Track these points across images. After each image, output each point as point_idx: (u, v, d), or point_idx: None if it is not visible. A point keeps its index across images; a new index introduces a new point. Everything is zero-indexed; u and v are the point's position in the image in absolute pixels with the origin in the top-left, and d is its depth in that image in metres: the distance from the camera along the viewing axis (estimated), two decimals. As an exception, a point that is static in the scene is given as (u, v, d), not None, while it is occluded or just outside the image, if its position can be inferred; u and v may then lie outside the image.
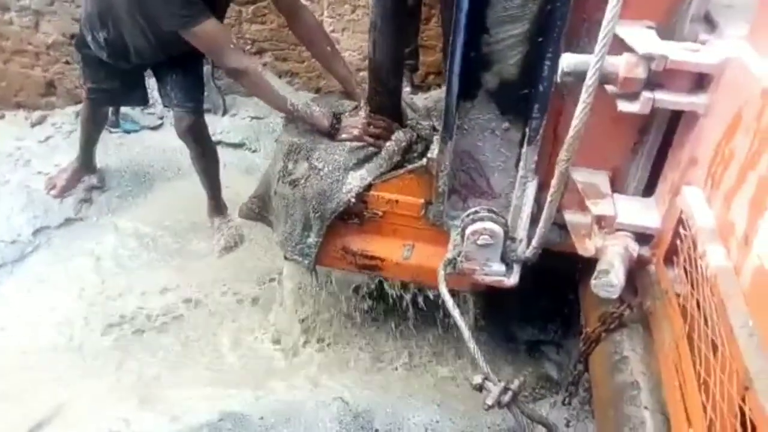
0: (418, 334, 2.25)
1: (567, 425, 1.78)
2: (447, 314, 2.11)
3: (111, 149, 3.25)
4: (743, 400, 0.86)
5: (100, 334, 2.27)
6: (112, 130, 3.40)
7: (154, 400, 1.97)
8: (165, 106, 2.73)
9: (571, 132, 1.19)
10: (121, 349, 2.22)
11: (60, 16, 3.61)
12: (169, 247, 2.71)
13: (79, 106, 3.37)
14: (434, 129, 1.92)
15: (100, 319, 2.33)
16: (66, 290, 2.46)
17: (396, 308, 2.19)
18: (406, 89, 2.73)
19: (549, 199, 1.34)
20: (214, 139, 3.45)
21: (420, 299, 2.14)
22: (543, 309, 2.23)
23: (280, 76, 3.63)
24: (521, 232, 1.64)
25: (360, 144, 1.88)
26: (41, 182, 2.94)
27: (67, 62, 3.74)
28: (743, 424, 0.86)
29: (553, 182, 1.30)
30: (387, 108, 1.94)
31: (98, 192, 2.94)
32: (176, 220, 2.87)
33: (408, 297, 2.13)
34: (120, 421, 1.86)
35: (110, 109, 3.26)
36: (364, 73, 3.39)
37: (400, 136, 1.90)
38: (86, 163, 2.98)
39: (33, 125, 3.65)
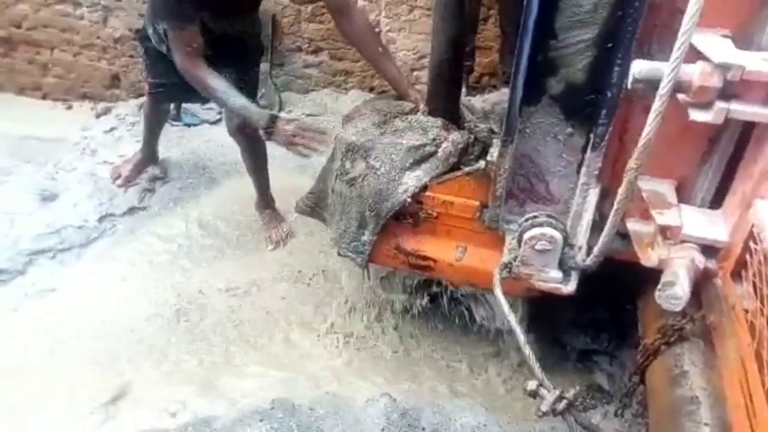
0: (468, 337, 2.24)
1: (619, 437, 1.75)
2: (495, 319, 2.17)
3: (172, 142, 3.37)
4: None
5: (161, 318, 2.36)
6: (174, 123, 3.53)
7: (209, 385, 2.05)
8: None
9: (642, 140, 1.17)
10: (180, 334, 2.30)
11: (127, 11, 3.77)
12: (227, 238, 2.79)
13: (142, 99, 3.52)
14: (492, 132, 1.92)
15: (162, 303, 2.42)
16: (129, 275, 2.57)
17: (448, 311, 2.20)
18: (462, 91, 2.72)
19: (615, 207, 1.33)
20: (269, 134, 3.58)
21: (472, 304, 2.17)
22: (596, 318, 2.19)
23: (335, 75, 3.70)
24: (581, 240, 1.62)
25: (417, 144, 1.89)
26: (106, 171, 3.08)
27: (131, 56, 3.90)
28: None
29: (621, 191, 1.28)
30: (445, 110, 1.96)
31: (160, 182, 3.05)
32: (233, 212, 2.95)
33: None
34: (178, 404, 1.94)
35: (172, 104, 3.38)
36: (419, 73, 3.45)
37: (457, 138, 1.90)
38: (149, 154, 3.09)
39: (98, 116, 3.83)
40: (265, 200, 2.86)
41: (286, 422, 1.92)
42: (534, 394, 1.39)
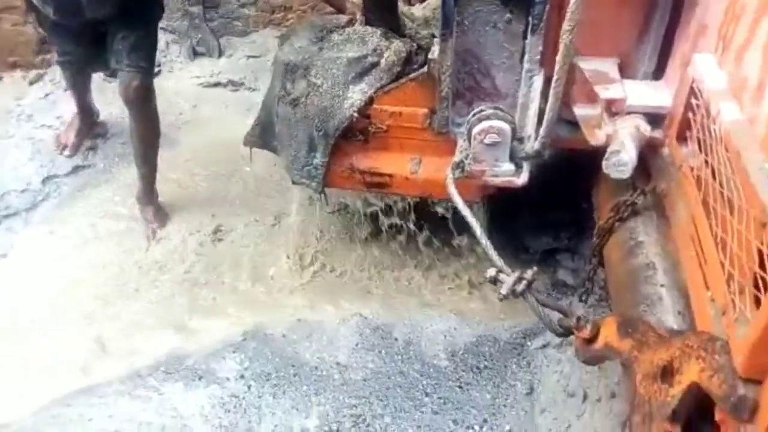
0: (431, 253, 2.25)
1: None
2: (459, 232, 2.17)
3: (110, 98, 3.20)
4: (762, 242, 0.85)
5: (121, 272, 2.30)
6: (110, 80, 3.35)
7: (181, 327, 2.03)
8: (113, 68, 2.39)
9: None
10: (143, 285, 2.25)
11: (45, -33, 3.51)
12: (176, 189, 2.70)
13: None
14: (434, 37, 1.87)
15: (119, 258, 2.36)
16: (82, 234, 2.48)
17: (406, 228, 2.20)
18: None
19: (555, 77, 1.31)
20: (212, 80, 3.44)
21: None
22: (556, 219, 2.22)
23: (273, 12, 3.55)
24: (529, 129, 1.61)
25: (358, 55, 1.83)
26: (46, 134, 2.94)
27: (57, 15, 3.66)
28: (762, 266, 0.85)
29: (558, 57, 1.26)
30: (383, 19, 1.89)
31: (102, 140, 2.93)
32: (181, 164, 2.86)
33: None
34: (149, 348, 1.92)
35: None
36: (358, -1, 3.34)
37: (399, 47, 1.84)
38: (86, 114, 2.95)
39: (31, 83, 3.61)
40: (149, 193, 2.52)
41: (260, 350, 1.92)
42: (494, 281, 1.39)
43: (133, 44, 2.25)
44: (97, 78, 2.95)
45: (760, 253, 0.86)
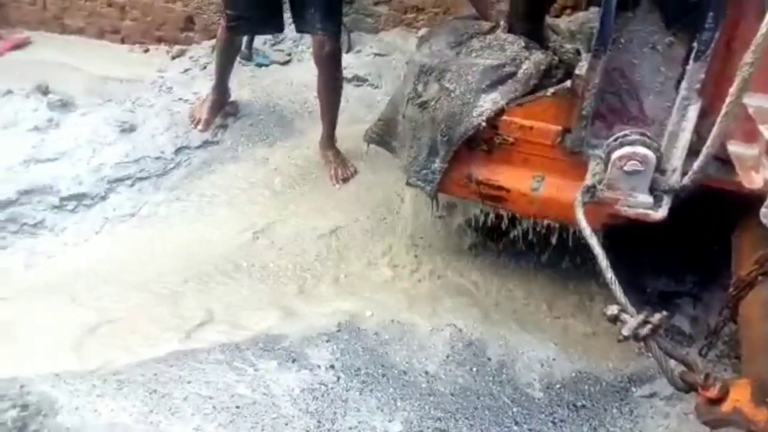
0: (543, 277, 2.16)
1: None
2: (572, 254, 2.07)
3: (244, 82, 3.40)
4: None
5: (236, 247, 2.41)
6: (245, 63, 3.55)
7: (282, 308, 2.09)
8: (303, 32, 2.72)
9: (763, 29, 1.04)
10: (256, 263, 2.34)
11: (202, -47, 3.78)
12: (297, 174, 2.80)
13: (214, 41, 3.55)
14: (578, 53, 1.79)
15: (236, 234, 2.47)
16: (205, 205, 2.64)
17: (518, 244, 2.12)
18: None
19: (724, 110, 1.20)
20: (338, 74, 3.55)
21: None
22: (680, 260, 2.06)
23: (405, 12, 3.59)
24: (675, 162, 1.50)
25: (495, 64, 1.79)
26: (182, 107, 3.15)
27: (205, -3, 3.93)
28: None
29: (732, 89, 1.15)
30: (527, 28, 1.84)
31: (233, 119, 3.09)
32: (302, 150, 2.96)
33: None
34: (252, 323, 1.99)
35: (244, 43, 3.39)
36: (503, 5, 3.28)
37: (539, 58, 1.78)
38: (221, 93, 3.13)
39: (173, 58, 3.91)
40: (331, 139, 2.85)
41: (351, 344, 1.94)
42: (615, 319, 1.31)
43: (325, 11, 2.48)
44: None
45: None
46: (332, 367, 1.88)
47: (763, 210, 1.23)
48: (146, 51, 4.21)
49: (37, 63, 3.58)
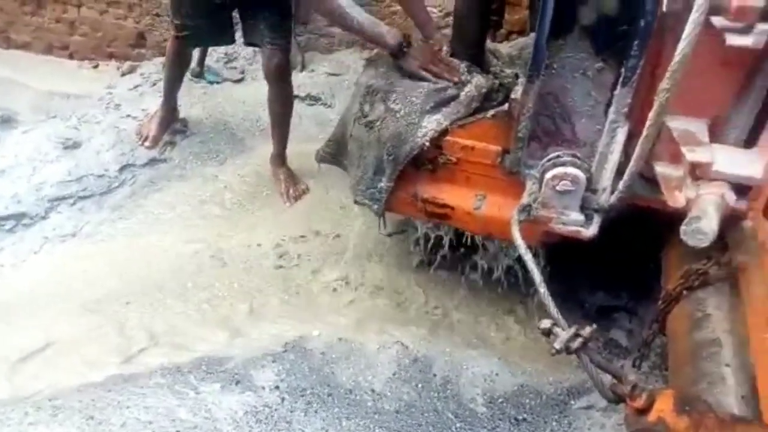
0: (486, 292, 2.21)
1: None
2: (510, 272, 2.12)
3: (195, 98, 3.37)
4: None
5: (179, 267, 2.37)
6: (196, 80, 3.52)
7: (227, 328, 2.07)
8: (252, 44, 2.70)
9: (677, 55, 1.11)
10: (198, 282, 2.30)
11: (152, -32, 3.76)
12: (246, 193, 2.79)
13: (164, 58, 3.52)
14: (517, 77, 1.86)
15: (180, 253, 2.43)
16: (149, 224, 2.59)
17: (460, 262, 2.17)
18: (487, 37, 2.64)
19: (645, 133, 1.27)
20: (291, 93, 3.56)
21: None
22: (616, 276, 2.13)
23: (355, 42, 3.64)
24: (605, 182, 1.57)
25: (439, 86, 1.84)
26: (130, 124, 3.09)
27: (156, 14, 3.89)
28: None
29: (651, 114, 1.22)
30: (469, 53, 1.90)
31: (181, 136, 3.05)
32: (252, 168, 2.95)
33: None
34: (196, 343, 1.96)
35: (195, 60, 3.37)
36: (447, 31, 3.37)
37: (480, 82, 1.84)
38: (170, 109, 3.08)
39: (123, 74, 3.85)
40: (282, 156, 2.84)
41: (297, 364, 1.93)
42: (548, 333, 1.35)
43: (274, 24, 2.48)
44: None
45: None
46: (277, 388, 1.86)
47: (682, 228, 1.30)
48: (96, 67, 4.13)
49: (-20, 78, 3.47)
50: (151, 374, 1.87)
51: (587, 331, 1.31)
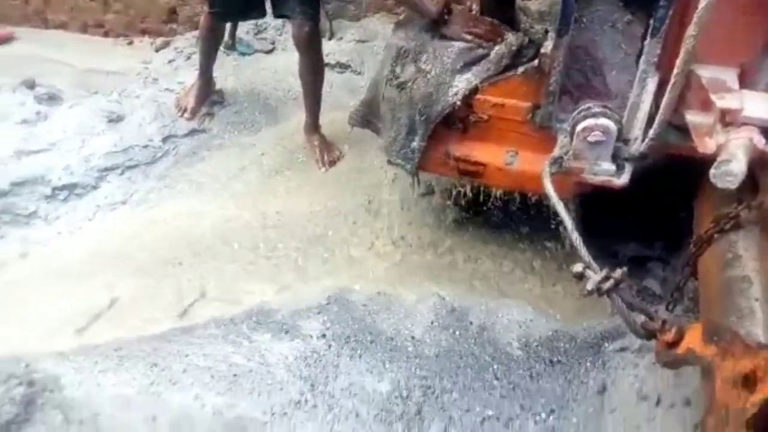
0: (519, 246, 2.28)
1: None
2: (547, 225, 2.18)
3: (228, 71, 3.47)
4: None
5: (226, 230, 2.49)
6: (228, 53, 3.61)
7: (274, 282, 2.19)
8: (281, 16, 2.81)
9: (702, 2, 1.15)
10: (243, 244, 2.43)
11: (184, -56, 3.82)
12: (283, 159, 2.89)
13: (197, 32, 3.61)
14: (547, 33, 1.89)
15: (226, 218, 2.55)
16: (194, 191, 2.72)
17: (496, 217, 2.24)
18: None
19: (672, 81, 1.31)
20: (321, 61, 3.63)
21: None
22: (648, 227, 2.18)
23: (383, 7, 3.67)
24: (636, 131, 1.61)
25: (468, 46, 1.89)
26: (168, 97, 3.21)
27: (188, -11, 3.98)
28: None
29: (678, 62, 1.26)
30: (498, 10, 1.94)
31: (218, 107, 3.16)
32: (287, 136, 3.05)
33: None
34: (258, 297, 2.10)
35: (227, 33, 3.46)
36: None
37: (511, 40, 1.88)
38: (206, 82, 3.19)
39: (157, 50, 3.96)
40: (316, 124, 2.93)
41: (341, 315, 2.04)
42: (580, 276, 1.42)
43: None
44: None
45: None
46: (323, 336, 1.98)
47: (712, 171, 1.35)
48: (130, 43, 4.25)
49: (22, 58, 3.61)
50: (206, 326, 2.00)
51: (618, 273, 1.38)
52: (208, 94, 3.17)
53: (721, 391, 1.06)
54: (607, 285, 1.38)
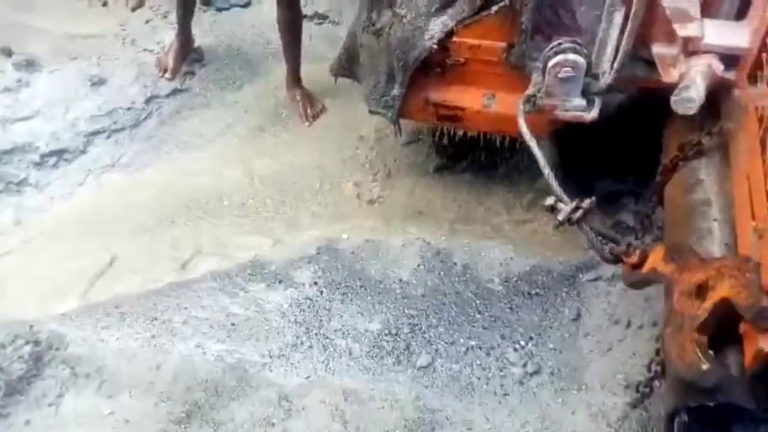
0: (495, 185, 2.35)
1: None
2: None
3: (206, 26, 3.43)
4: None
5: (218, 184, 2.55)
6: (205, 9, 3.57)
7: (266, 236, 2.27)
8: None
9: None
10: (235, 198, 2.49)
11: None
12: (266, 115, 2.91)
13: (173, -10, 3.55)
14: (519, -28, 1.90)
15: (216, 173, 2.61)
16: (182, 150, 2.76)
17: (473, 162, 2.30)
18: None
19: (633, 10, 1.35)
20: (299, 14, 3.59)
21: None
22: (623, 162, 2.25)
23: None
24: (605, 66, 1.66)
25: (443, -13, 1.90)
26: (148, 58, 3.19)
27: (160, -54, 3.87)
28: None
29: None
30: (470, -48, 1.93)
31: (199, 65, 3.15)
32: (269, 91, 3.05)
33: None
34: (240, 251, 2.18)
35: (203, -11, 3.41)
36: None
37: (483, -20, 1.89)
38: (185, 40, 3.16)
39: (133, 9, 3.88)
40: (297, 78, 2.93)
41: (331, 263, 2.13)
42: (552, 209, 1.50)
43: None
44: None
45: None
46: (315, 283, 2.08)
47: (672, 98, 1.40)
48: (105, 4, 4.16)
49: (-6, 25, 3.56)
50: (203, 279, 2.09)
51: (586, 202, 1.46)
52: (187, 53, 3.15)
53: (678, 302, 1.15)
54: (577, 215, 1.46)
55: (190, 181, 2.57)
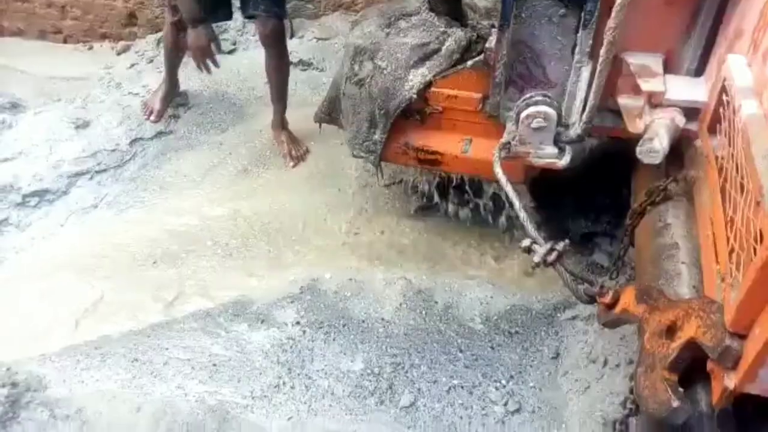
0: (474, 226, 2.43)
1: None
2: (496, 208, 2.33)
3: (192, 71, 3.48)
4: (758, 218, 0.99)
5: (200, 225, 2.58)
6: (190, 54, 3.65)
7: (249, 276, 2.29)
8: (249, 16, 2.86)
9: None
10: (219, 239, 2.52)
11: (139, -52, 3.83)
12: (250, 157, 2.96)
13: (159, 34, 3.63)
14: (493, 27, 2.02)
15: (198, 214, 2.64)
16: (165, 191, 2.78)
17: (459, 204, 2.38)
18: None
19: (599, 68, 1.45)
20: (283, 59, 3.70)
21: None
22: (596, 204, 2.34)
23: (341, 5, 3.76)
24: (575, 117, 1.76)
25: (421, 42, 2.01)
26: (132, 101, 3.25)
27: (146, -8, 3.99)
28: (756, 239, 0.99)
29: (602, 51, 1.40)
30: (447, 8, 2.06)
31: (183, 108, 3.21)
32: (253, 134, 3.12)
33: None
34: (222, 292, 2.19)
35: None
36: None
37: (459, 35, 2.01)
38: (172, 85, 3.24)
39: (119, 53, 3.97)
40: (282, 120, 3.01)
41: (314, 303, 2.16)
42: (528, 250, 1.56)
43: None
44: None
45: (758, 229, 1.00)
46: (298, 323, 2.10)
47: (638, 148, 1.50)
48: (90, 48, 4.24)
49: (-21, 67, 3.60)
50: (184, 320, 2.10)
51: (561, 245, 1.53)
52: (173, 97, 3.22)
53: (649, 342, 1.21)
54: (552, 257, 1.53)
55: (174, 221, 2.59)
